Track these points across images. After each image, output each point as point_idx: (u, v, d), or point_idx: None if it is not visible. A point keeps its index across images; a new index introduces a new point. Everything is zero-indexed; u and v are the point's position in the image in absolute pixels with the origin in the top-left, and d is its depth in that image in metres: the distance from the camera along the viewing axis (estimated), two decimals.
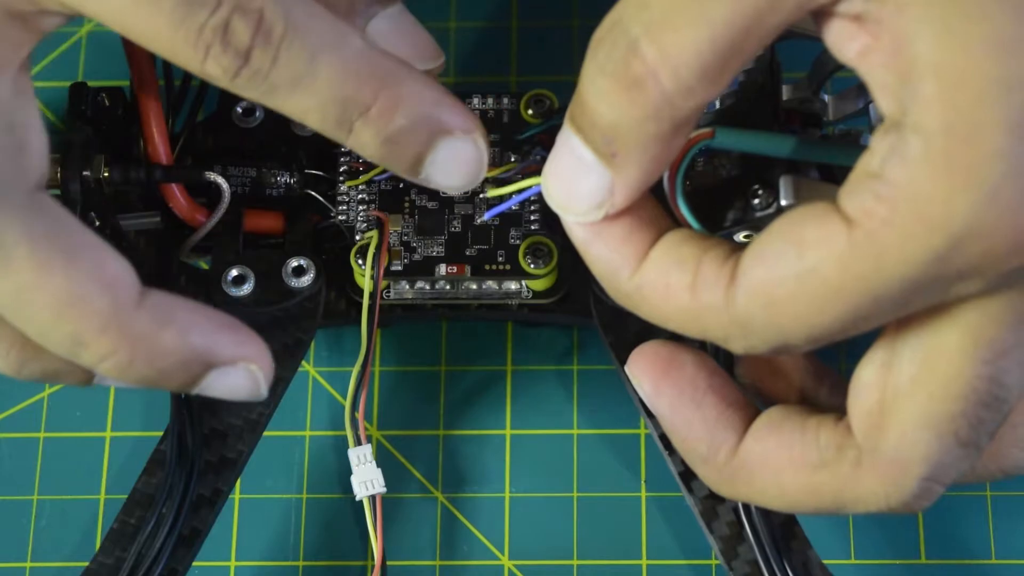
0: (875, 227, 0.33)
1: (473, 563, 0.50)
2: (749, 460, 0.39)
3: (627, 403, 0.49)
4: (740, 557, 0.45)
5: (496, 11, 0.57)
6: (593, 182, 0.36)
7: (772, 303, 0.34)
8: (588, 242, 0.37)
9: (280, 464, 0.51)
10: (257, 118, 0.50)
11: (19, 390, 0.52)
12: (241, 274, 0.48)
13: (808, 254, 0.34)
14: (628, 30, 0.34)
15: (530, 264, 0.48)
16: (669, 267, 0.36)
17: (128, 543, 0.45)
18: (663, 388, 0.39)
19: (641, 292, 0.37)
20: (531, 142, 0.50)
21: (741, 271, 0.35)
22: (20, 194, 0.37)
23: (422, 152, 0.37)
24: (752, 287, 0.35)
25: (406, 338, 0.53)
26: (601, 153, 0.35)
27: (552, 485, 0.51)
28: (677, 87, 0.34)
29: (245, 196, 0.49)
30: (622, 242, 0.37)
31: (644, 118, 0.34)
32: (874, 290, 0.33)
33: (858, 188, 0.33)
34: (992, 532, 0.50)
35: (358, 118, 0.37)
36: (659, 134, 0.35)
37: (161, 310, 0.38)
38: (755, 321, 0.35)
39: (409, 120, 0.37)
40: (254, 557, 0.50)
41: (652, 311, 0.37)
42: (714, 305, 0.35)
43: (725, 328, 0.35)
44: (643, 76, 0.34)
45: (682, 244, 0.36)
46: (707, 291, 0.35)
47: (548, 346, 0.53)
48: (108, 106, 0.48)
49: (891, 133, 0.33)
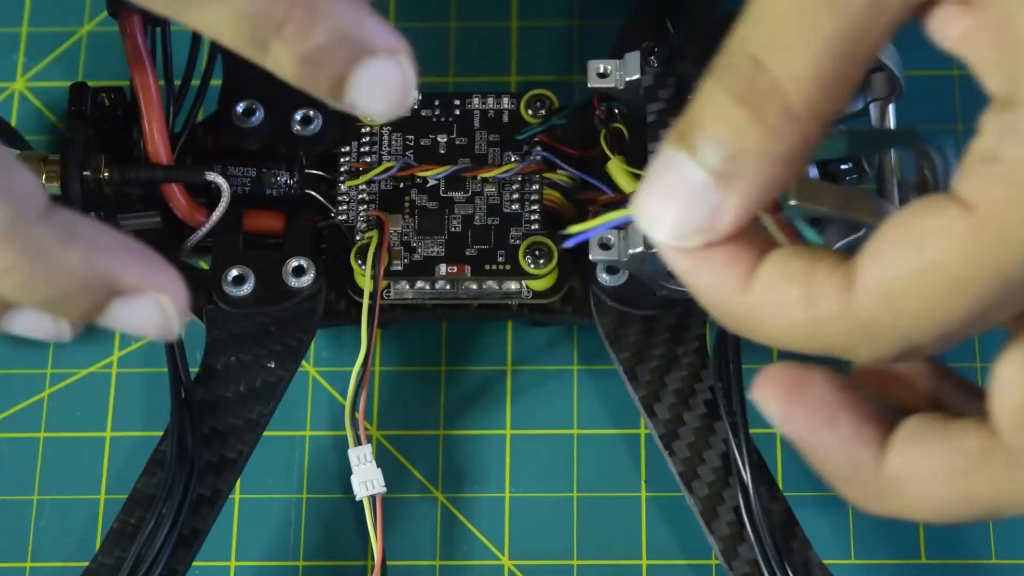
0: (998, 210, 0.32)
1: (473, 563, 0.50)
2: (895, 474, 0.36)
3: (627, 403, 0.49)
4: (740, 557, 0.45)
5: (496, 11, 0.57)
6: (699, 205, 0.34)
7: (895, 303, 0.33)
8: (691, 271, 0.35)
9: (280, 464, 0.51)
10: (257, 118, 0.50)
11: (19, 390, 0.53)
12: (241, 274, 0.48)
13: (928, 247, 0.32)
14: (748, 49, 0.33)
15: (530, 264, 0.48)
16: (780, 284, 0.35)
17: (128, 543, 0.45)
18: (795, 410, 0.37)
19: (755, 314, 0.35)
20: (531, 142, 0.50)
21: (858, 275, 0.33)
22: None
23: (343, 73, 0.36)
24: (872, 289, 0.33)
25: (406, 338, 0.53)
26: (717, 175, 0.34)
27: (552, 485, 0.51)
28: (802, 100, 0.33)
29: (245, 196, 0.49)
30: (728, 265, 0.35)
31: (769, 136, 0.33)
32: (1003, 274, 0.32)
33: (973, 172, 0.32)
34: (992, 532, 0.50)
35: (273, 35, 0.35)
36: (782, 153, 0.34)
37: (66, 227, 0.36)
38: (880, 324, 0.33)
39: (327, 38, 0.35)
40: (254, 557, 0.50)
41: (769, 332, 0.35)
42: (834, 315, 0.34)
43: (848, 337, 0.34)
44: (768, 92, 0.33)
45: (790, 259, 0.35)
46: (824, 301, 0.34)
47: (548, 346, 0.53)
48: (108, 106, 0.48)
49: (1003, 112, 0.32)
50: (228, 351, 0.47)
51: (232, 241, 0.49)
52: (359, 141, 0.50)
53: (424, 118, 0.50)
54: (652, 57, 0.48)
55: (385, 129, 0.50)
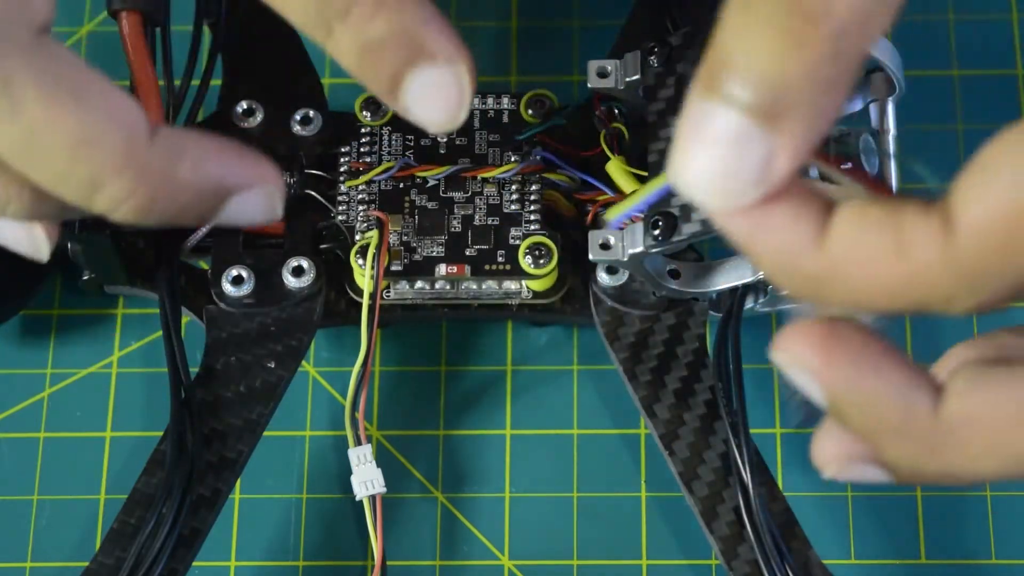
0: None
1: (473, 563, 0.50)
2: (959, 422, 0.32)
3: (627, 403, 0.49)
4: (740, 557, 0.45)
5: (496, 11, 0.57)
6: (747, 155, 0.30)
7: (1012, 237, 0.29)
8: (753, 233, 0.31)
9: (280, 464, 0.51)
10: (257, 118, 0.50)
11: (19, 390, 0.53)
12: (241, 274, 0.48)
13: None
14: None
15: (530, 264, 0.48)
16: (864, 234, 0.31)
17: (128, 543, 0.45)
18: (835, 360, 0.32)
19: (837, 271, 0.31)
20: (531, 142, 0.50)
21: (959, 214, 0.30)
22: (26, 35, 0.35)
23: (399, 72, 0.36)
24: (980, 226, 0.30)
25: (406, 338, 0.53)
26: (762, 115, 0.30)
27: (552, 485, 0.51)
28: (854, 13, 0.29)
29: None
30: (795, 220, 0.31)
31: (819, 61, 0.29)
32: None
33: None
34: (992, 532, 0.50)
35: (338, 19, 0.35)
36: (836, 78, 0.30)
37: (174, 144, 0.37)
38: (987, 266, 0.30)
39: (388, 30, 0.35)
40: (254, 557, 0.50)
41: (855, 290, 0.31)
42: (933, 261, 0.30)
43: (948, 285, 0.30)
44: (815, 9, 0.29)
45: (868, 208, 0.31)
46: (919, 248, 0.30)
47: (548, 346, 0.53)
48: None
49: None
50: (228, 351, 0.48)
51: (232, 241, 0.49)
52: (359, 141, 0.50)
53: None
54: (652, 57, 0.48)
55: (385, 129, 0.50)
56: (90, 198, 0.36)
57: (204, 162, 0.37)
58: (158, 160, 0.36)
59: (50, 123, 0.35)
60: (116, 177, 0.36)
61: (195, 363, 0.48)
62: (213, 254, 0.49)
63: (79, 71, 0.36)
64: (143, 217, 0.37)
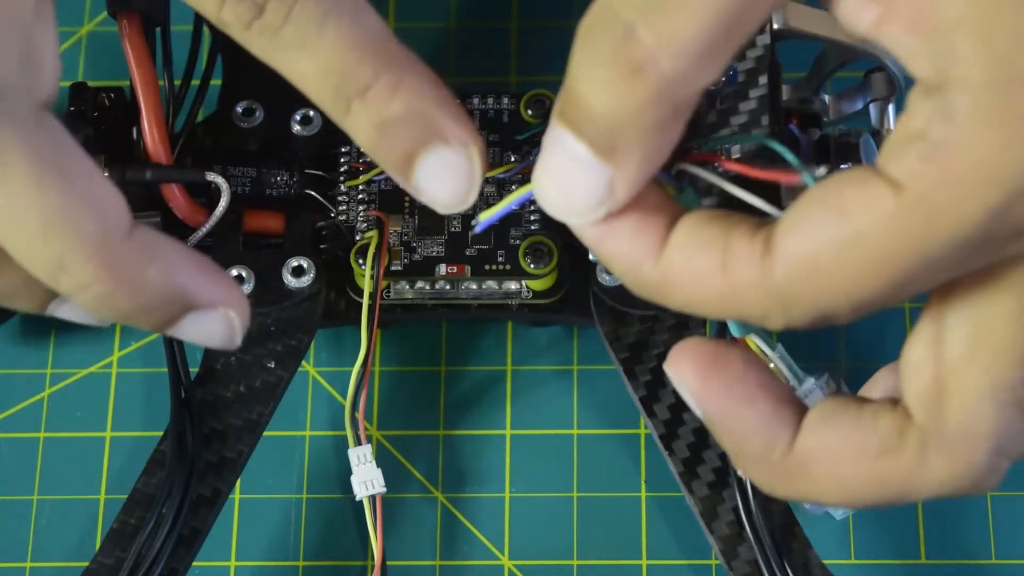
0: (926, 189, 0.32)
1: (473, 563, 0.50)
2: (807, 455, 0.37)
3: (627, 403, 0.49)
4: (740, 557, 0.45)
5: (496, 11, 0.57)
6: (592, 180, 0.34)
7: (814, 272, 0.33)
8: (600, 240, 0.36)
9: (280, 464, 0.51)
10: (257, 118, 0.50)
11: (19, 390, 0.53)
12: (241, 274, 0.48)
13: (852, 219, 0.33)
14: (621, 15, 0.33)
15: (530, 264, 0.48)
16: (694, 250, 0.35)
17: (128, 543, 0.45)
18: (711, 387, 0.37)
19: (668, 281, 0.35)
20: (531, 142, 0.50)
21: (777, 242, 0.34)
22: (28, 108, 0.36)
23: (413, 151, 0.36)
24: (791, 257, 0.33)
25: (406, 338, 0.53)
26: (599, 148, 0.34)
27: (552, 485, 0.51)
28: (677, 70, 0.33)
29: (245, 196, 0.49)
30: (637, 233, 0.35)
31: (645, 105, 0.33)
32: (926, 252, 0.32)
33: (902, 151, 0.33)
34: (992, 532, 0.50)
35: (356, 96, 0.36)
36: (660, 121, 0.34)
37: (148, 244, 0.37)
38: (795, 292, 0.34)
39: (406, 109, 0.36)
40: (254, 557, 0.50)
41: (683, 299, 0.35)
42: (750, 281, 0.34)
43: (763, 304, 0.34)
44: (642, 61, 0.33)
45: (704, 224, 0.35)
46: (741, 267, 0.34)
47: (548, 346, 0.53)
48: (108, 106, 0.48)
49: (932, 94, 0.32)
50: (228, 351, 0.47)
51: (232, 241, 0.49)
52: None
53: None
54: None
55: None
56: (55, 277, 0.37)
57: (173, 269, 0.37)
58: (128, 257, 0.37)
59: (31, 198, 0.36)
60: (83, 263, 0.36)
61: (195, 363, 0.48)
62: (213, 254, 0.49)
63: (71, 155, 0.37)
64: (101, 307, 0.37)
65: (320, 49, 0.36)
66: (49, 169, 0.36)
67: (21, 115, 0.36)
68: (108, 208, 0.37)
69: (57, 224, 0.36)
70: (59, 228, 0.36)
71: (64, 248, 0.36)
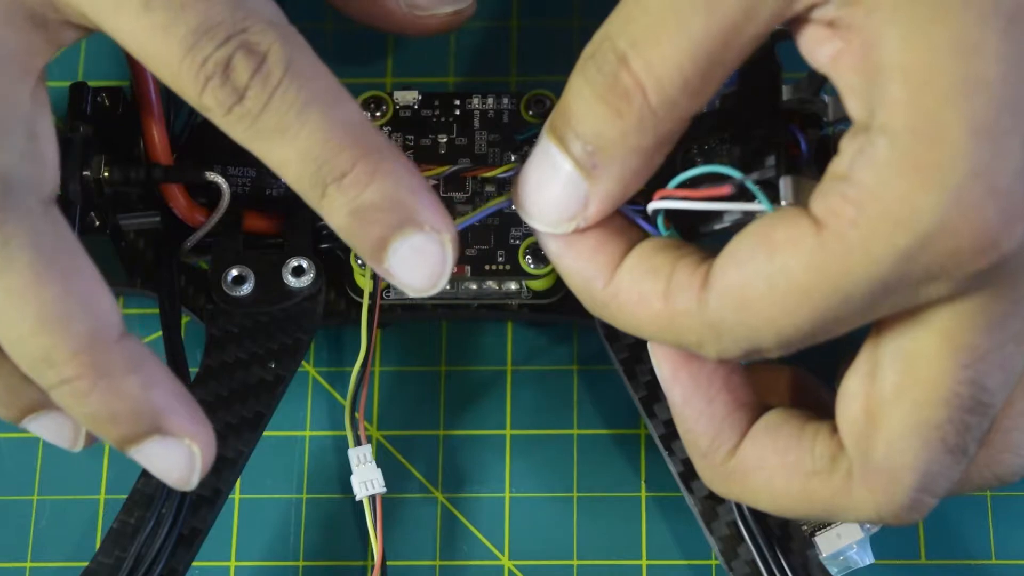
0: (842, 228, 0.33)
1: (473, 563, 0.50)
2: (746, 463, 0.39)
3: (627, 403, 0.49)
4: (740, 557, 0.45)
5: (496, 11, 0.57)
6: (569, 194, 0.36)
7: (743, 305, 0.35)
8: (560, 253, 0.38)
9: (280, 464, 0.51)
10: None
11: None
12: (241, 274, 0.48)
13: (778, 256, 0.34)
14: (616, 44, 0.35)
15: (530, 264, 0.48)
16: (643, 276, 0.37)
17: (128, 543, 0.45)
18: (681, 376, 0.39)
19: (616, 301, 0.37)
20: (531, 142, 0.50)
21: (713, 275, 0.35)
22: (36, 202, 0.37)
23: (386, 236, 0.37)
24: (723, 289, 0.35)
25: (406, 338, 0.53)
26: (581, 165, 0.36)
27: (552, 485, 0.51)
28: (661, 100, 0.34)
29: (245, 196, 0.49)
30: (595, 252, 0.37)
31: (628, 131, 0.35)
32: (843, 291, 0.34)
33: (827, 190, 0.34)
34: (992, 532, 0.50)
35: (332, 182, 0.37)
36: (642, 147, 0.35)
37: (134, 355, 0.38)
38: (726, 324, 0.35)
39: (380, 197, 0.37)
40: (254, 557, 0.50)
41: (627, 320, 0.37)
42: (687, 310, 0.36)
43: (698, 332, 0.36)
44: (630, 89, 0.34)
45: (655, 253, 0.37)
46: (680, 296, 0.36)
47: (548, 346, 0.53)
48: (108, 106, 0.48)
49: (859, 135, 0.33)
50: (228, 351, 0.47)
51: (232, 241, 0.49)
52: None
53: (424, 118, 0.50)
54: None
55: (385, 129, 0.50)
56: (40, 370, 0.37)
57: (153, 386, 0.38)
58: (113, 361, 0.37)
59: (30, 293, 0.36)
60: (68, 359, 0.37)
61: (195, 363, 0.48)
62: (213, 254, 0.49)
63: (75, 253, 0.37)
64: (74, 404, 0.38)
65: (298, 138, 0.36)
66: (51, 266, 0.37)
67: (31, 209, 0.37)
68: (101, 311, 0.37)
69: (51, 319, 0.36)
70: (52, 323, 0.37)
71: (53, 342, 0.37)
